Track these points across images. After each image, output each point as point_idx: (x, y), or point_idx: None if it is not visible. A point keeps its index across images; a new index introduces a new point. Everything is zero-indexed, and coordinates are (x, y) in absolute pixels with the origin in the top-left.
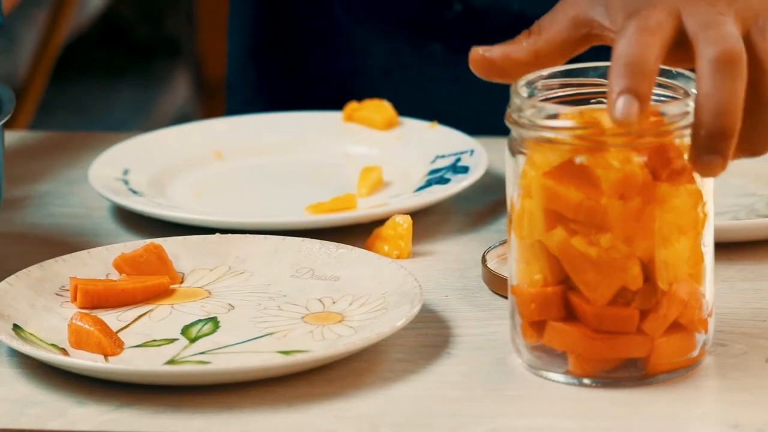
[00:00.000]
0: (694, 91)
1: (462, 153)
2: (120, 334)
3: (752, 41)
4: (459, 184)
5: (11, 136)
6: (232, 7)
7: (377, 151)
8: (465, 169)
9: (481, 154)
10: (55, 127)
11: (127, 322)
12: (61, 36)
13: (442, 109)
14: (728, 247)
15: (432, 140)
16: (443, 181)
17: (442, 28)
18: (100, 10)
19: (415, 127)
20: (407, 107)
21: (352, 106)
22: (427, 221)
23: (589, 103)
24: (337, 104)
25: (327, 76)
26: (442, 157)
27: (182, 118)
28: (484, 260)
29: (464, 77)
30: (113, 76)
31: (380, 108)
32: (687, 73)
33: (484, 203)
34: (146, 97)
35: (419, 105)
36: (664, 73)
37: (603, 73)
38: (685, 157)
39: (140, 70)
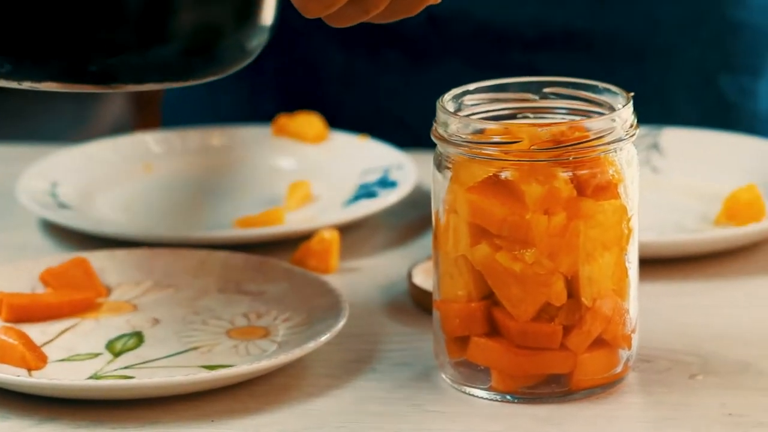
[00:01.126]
0: (619, 107)
1: (392, 167)
2: (44, 348)
3: None
4: (387, 198)
5: None
6: None
7: (306, 165)
8: (393, 184)
9: (410, 169)
10: None
11: (52, 336)
12: None
13: (400, 118)
14: (653, 263)
15: (361, 154)
16: (371, 195)
17: (402, 36)
18: None
19: (345, 141)
20: (364, 116)
21: (283, 119)
22: (355, 236)
23: (515, 119)
24: (289, 112)
25: (281, 84)
26: (371, 171)
27: (118, 128)
28: (409, 275)
29: (423, 86)
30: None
31: (310, 121)
32: (613, 88)
33: (412, 218)
34: (83, 108)
35: (376, 114)
36: (589, 88)
37: (528, 89)
38: (610, 172)
39: None
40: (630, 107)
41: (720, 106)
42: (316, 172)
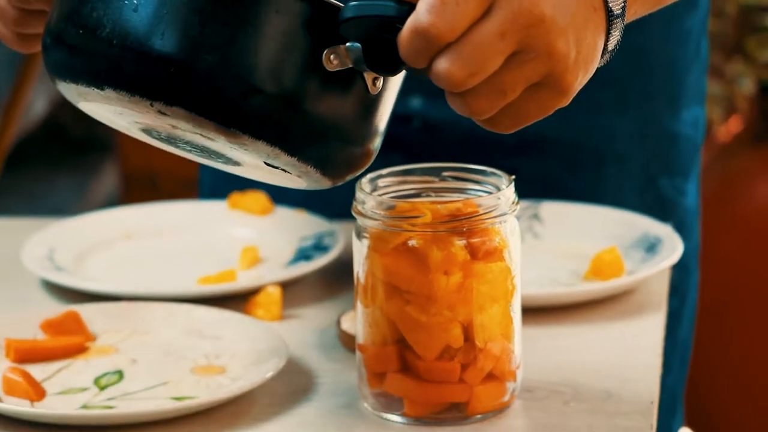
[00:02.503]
0: (503, 187)
1: (324, 235)
2: (44, 384)
3: None
4: (320, 260)
5: None
6: None
7: (255, 233)
8: (326, 248)
9: (339, 236)
10: (5, 212)
11: (50, 374)
12: (10, 135)
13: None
14: (534, 312)
15: (299, 224)
16: (308, 257)
17: (403, 140)
18: (42, 115)
19: (286, 214)
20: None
21: (235, 196)
22: (295, 290)
23: (420, 197)
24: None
25: None
26: (307, 238)
27: (111, 201)
28: (338, 323)
29: None
30: (54, 168)
31: (258, 198)
32: (498, 172)
33: (341, 275)
34: (81, 185)
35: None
36: (479, 172)
37: (430, 173)
38: (497, 240)
39: (76, 163)
40: (512, 188)
41: (659, 202)
42: (263, 238)
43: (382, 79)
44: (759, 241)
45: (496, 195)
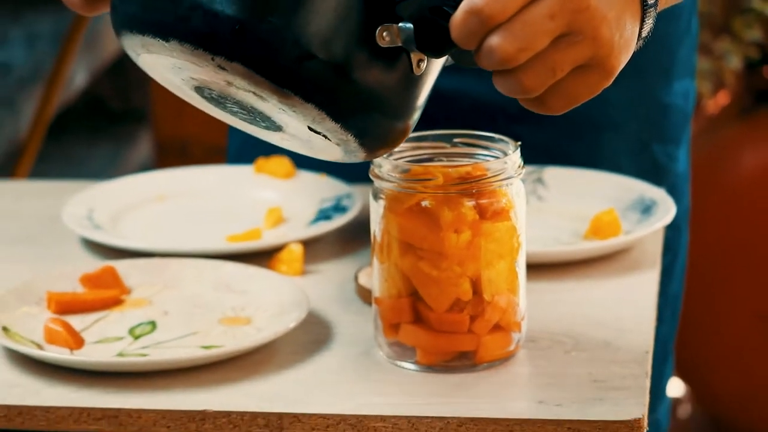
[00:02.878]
0: (510, 152)
1: (343, 197)
2: (82, 334)
3: None
4: (339, 220)
5: (15, 185)
6: None
7: (279, 196)
8: (344, 209)
9: (356, 198)
10: (48, 176)
11: (88, 325)
12: (52, 106)
13: None
14: (537, 268)
15: (320, 187)
16: (328, 218)
17: None
18: (82, 87)
19: (308, 178)
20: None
21: (261, 161)
22: (315, 248)
23: (432, 161)
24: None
25: None
26: (328, 200)
27: (145, 167)
28: (356, 278)
29: None
30: (93, 136)
31: (282, 162)
32: (505, 138)
33: (358, 234)
34: (117, 152)
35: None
36: (487, 138)
37: (442, 139)
38: (504, 201)
39: (113, 132)
40: (518, 153)
41: (653, 166)
42: (287, 200)
43: (426, 61)
44: (743, 205)
45: (503, 159)
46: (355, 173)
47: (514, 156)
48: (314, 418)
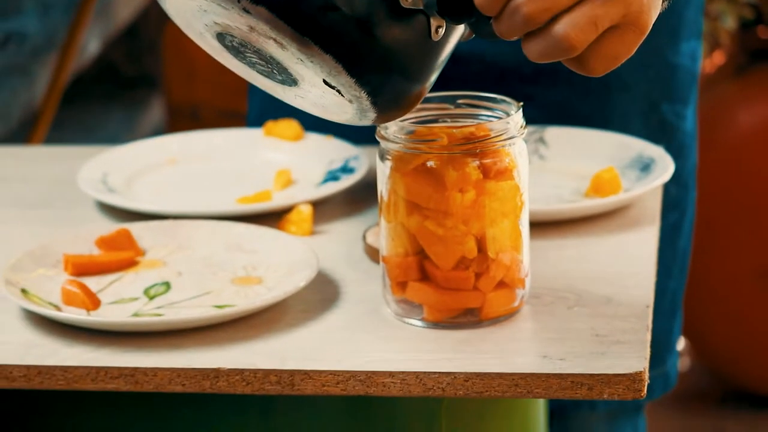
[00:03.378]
0: (512, 112)
1: (350, 158)
2: (99, 295)
3: None
4: (347, 181)
5: (31, 150)
6: None
7: (288, 157)
8: (352, 170)
9: (364, 159)
10: (63, 141)
11: (104, 286)
12: (66, 74)
13: None
14: (540, 226)
15: (328, 149)
16: (336, 178)
17: None
18: (96, 54)
19: (316, 140)
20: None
21: (270, 124)
22: (324, 208)
23: (437, 122)
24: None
25: None
26: (336, 161)
27: (157, 131)
28: (364, 237)
29: None
30: (106, 102)
31: (291, 125)
32: (507, 99)
33: (365, 195)
34: (130, 117)
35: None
36: (490, 99)
37: (446, 100)
38: (507, 161)
39: (126, 98)
40: (520, 113)
41: (661, 125)
42: (296, 162)
43: (444, 28)
44: (740, 162)
45: (505, 120)
46: (361, 135)
47: (517, 116)
48: (324, 374)
